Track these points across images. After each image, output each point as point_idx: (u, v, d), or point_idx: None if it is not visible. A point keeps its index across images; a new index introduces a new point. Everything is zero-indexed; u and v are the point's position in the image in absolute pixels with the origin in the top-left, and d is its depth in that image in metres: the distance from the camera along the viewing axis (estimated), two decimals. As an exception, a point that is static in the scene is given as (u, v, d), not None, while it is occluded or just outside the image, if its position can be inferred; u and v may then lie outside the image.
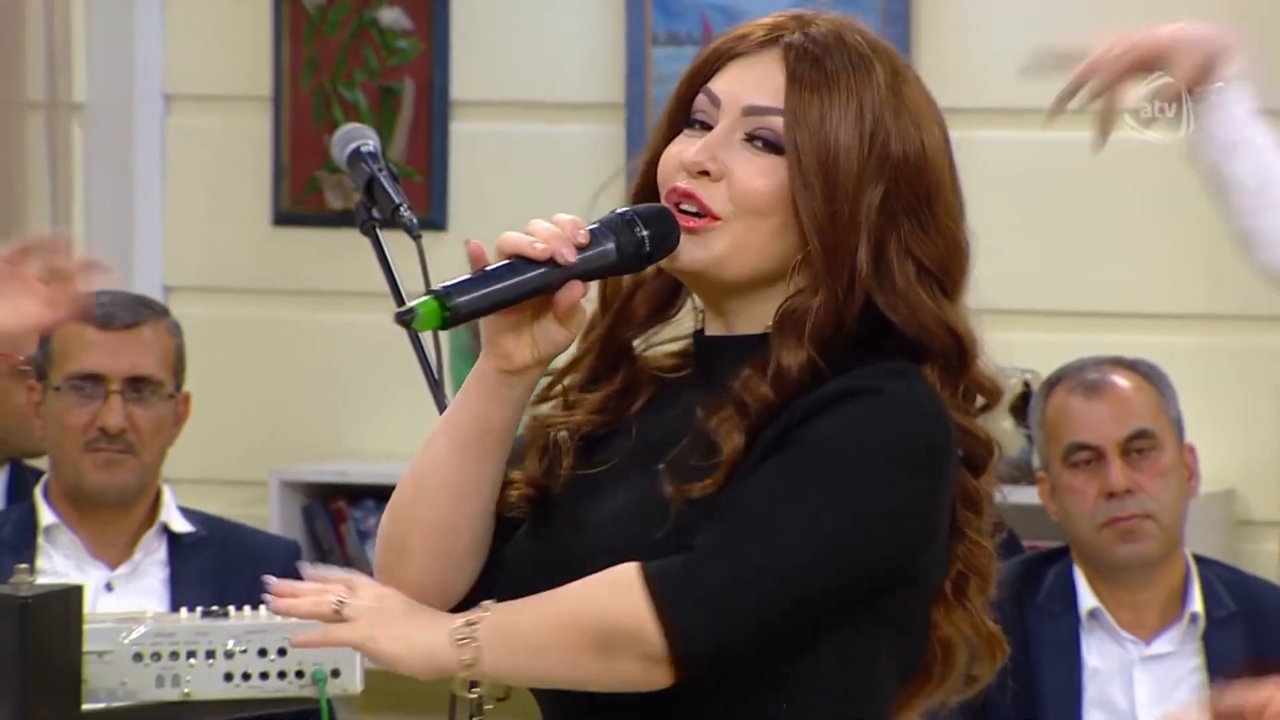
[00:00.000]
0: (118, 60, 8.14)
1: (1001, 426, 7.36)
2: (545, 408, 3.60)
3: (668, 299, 3.59)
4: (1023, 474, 6.43)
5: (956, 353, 3.57)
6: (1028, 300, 7.38)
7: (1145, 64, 4.68)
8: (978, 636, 3.63)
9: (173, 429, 5.86)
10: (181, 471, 6.10)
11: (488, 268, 3.30)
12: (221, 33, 8.10)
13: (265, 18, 8.05)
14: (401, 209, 4.40)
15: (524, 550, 3.58)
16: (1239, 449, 6.66)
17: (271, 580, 3.35)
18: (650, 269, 3.53)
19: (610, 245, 3.40)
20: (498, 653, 3.42)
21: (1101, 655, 5.71)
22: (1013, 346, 7.26)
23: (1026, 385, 7.10)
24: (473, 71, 7.45)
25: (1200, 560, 5.80)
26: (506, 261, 3.30)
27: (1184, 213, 7.22)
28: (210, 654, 4.87)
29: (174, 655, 4.90)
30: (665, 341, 3.64)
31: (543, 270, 3.32)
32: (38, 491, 5.93)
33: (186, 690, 4.92)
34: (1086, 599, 5.71)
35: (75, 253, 4.90)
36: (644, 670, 3.45)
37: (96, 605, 5.19)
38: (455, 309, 3.28)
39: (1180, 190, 7.33)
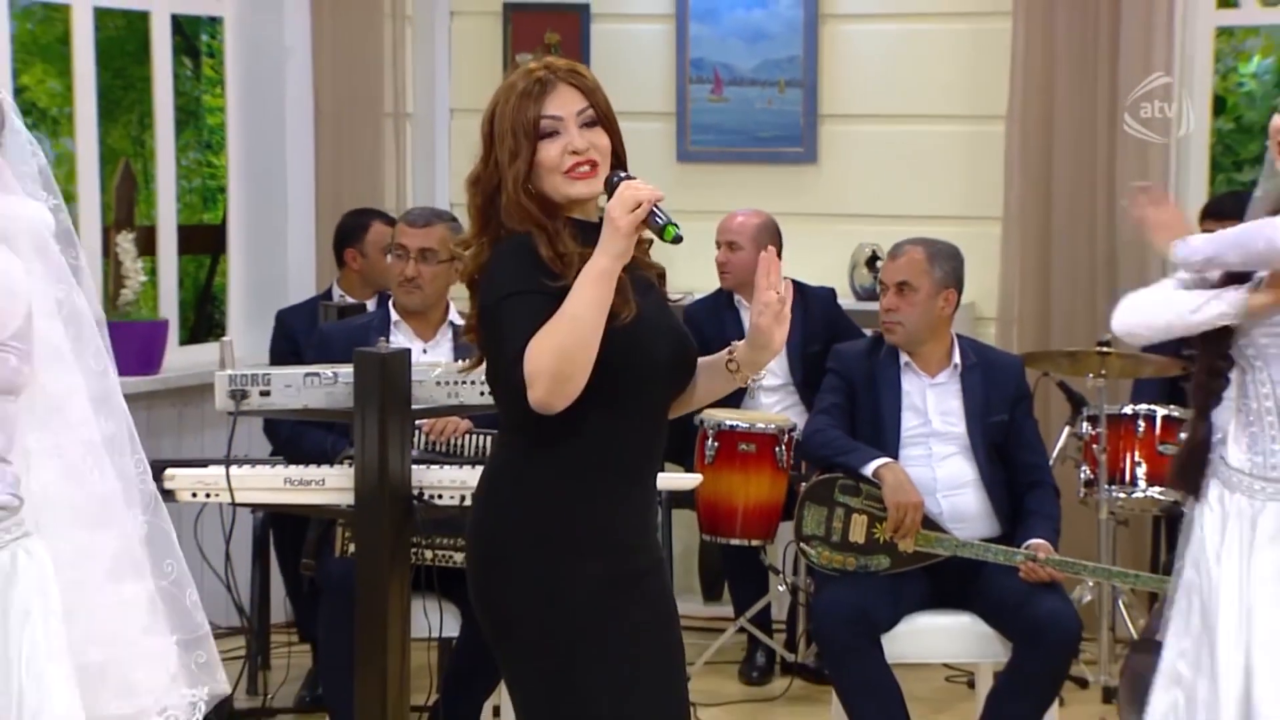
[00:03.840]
0: (426, 82, 7.97)
1: (862, 271, 7.47)
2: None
3: None
4: (873, 296, 6.54)
5: None
6: (887, 209, 7.41)
7: None
8: None
9: (450, 276, 5.63)
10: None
11: (655, 210, 3.34)
12: (474, 71, 7.90)
13: (499, 63, 7.85)
14: None
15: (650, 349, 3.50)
16: (976, 284, 6.60)
17: None
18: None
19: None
20: None
21: (910, 383, 5.63)
22: (877, 234, 7.38)
23: (874, 252, 7.14)
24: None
25: (959, 336, 5.73)
26: (656, 202, 3.34)
27: (962, 177, 7.24)
28: (471, 382, 4.80)
29: (451, 383, 4.91)
30: None
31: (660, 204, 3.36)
32: (391, 304, 5.88)
33: (461, 399, 4.87)
34: (903, 356, 5.62)
35: None
36: None
37: (417, 359, 5.12)
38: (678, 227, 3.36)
39: (969, 172, 7.39)
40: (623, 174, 3.43)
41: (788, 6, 7.60)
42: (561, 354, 3.31)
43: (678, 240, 3.32)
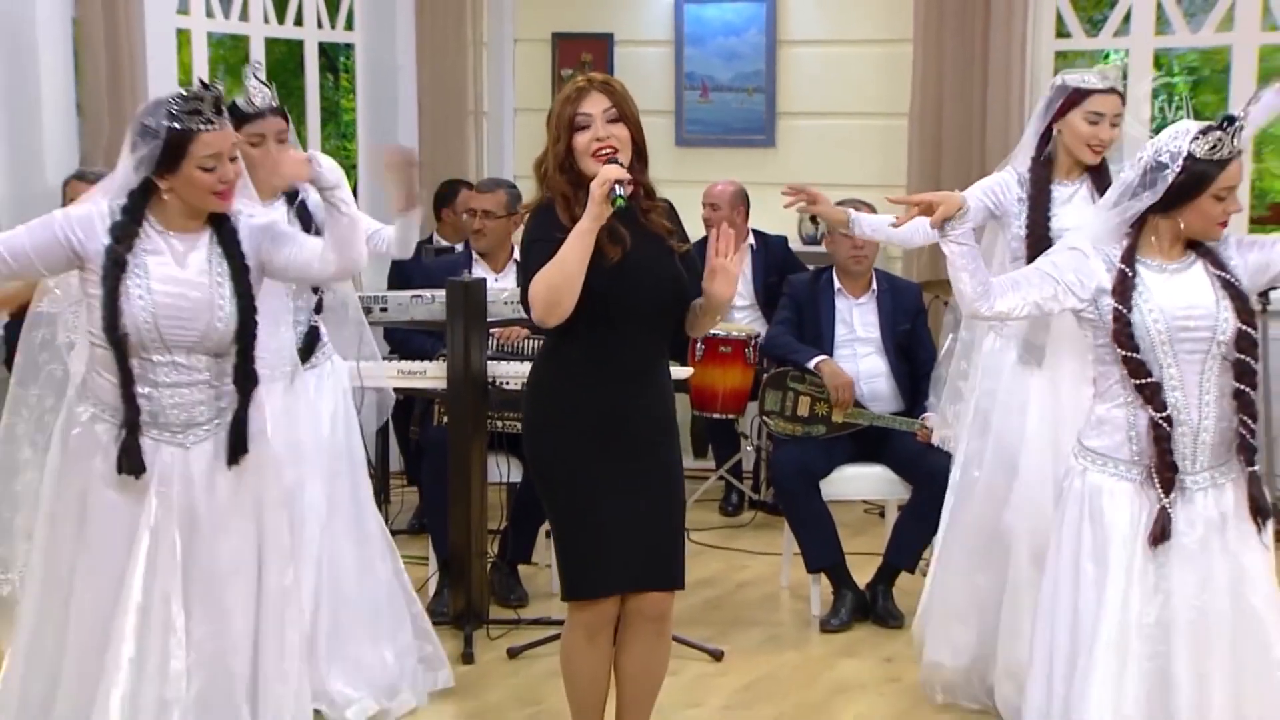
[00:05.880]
0: (496, 89, 7.81)
1: (807, 224, 7.33)
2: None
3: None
4: (814, 242, 6.43)
5: None
6: (824, 180, 7.25)
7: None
8: None
9: (508, 226, 5.55)
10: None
11: (615, 186, 3.25)
12: (531, 81, 7.79)
13: (548, 75, 7.75)
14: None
15: (617, 280, 3.37)
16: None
17: None
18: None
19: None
20: None
21: (841, 303, 5.53)
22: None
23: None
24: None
25: (876, 269, 5.60)
26: (619, 181, 3.25)
27: (877, 157, 7.12)
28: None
29: (514, 302, 4.77)
30: None
31: (622, 183, 3.28)
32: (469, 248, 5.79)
33: (521, 314, 4.71)
34: (836, 283, 5.53)
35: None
36: None
37: (491, 286, 5.05)
38: (625, 199, 3.27)
39: (882, 153, 7.25)
40: (618, 161, 3.37)
41: (754, 35, 7.48)
42: (550, 287, 3.28)
43: (618, 208, 3.27)
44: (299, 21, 7.33)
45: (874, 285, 5.57)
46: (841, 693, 4.68)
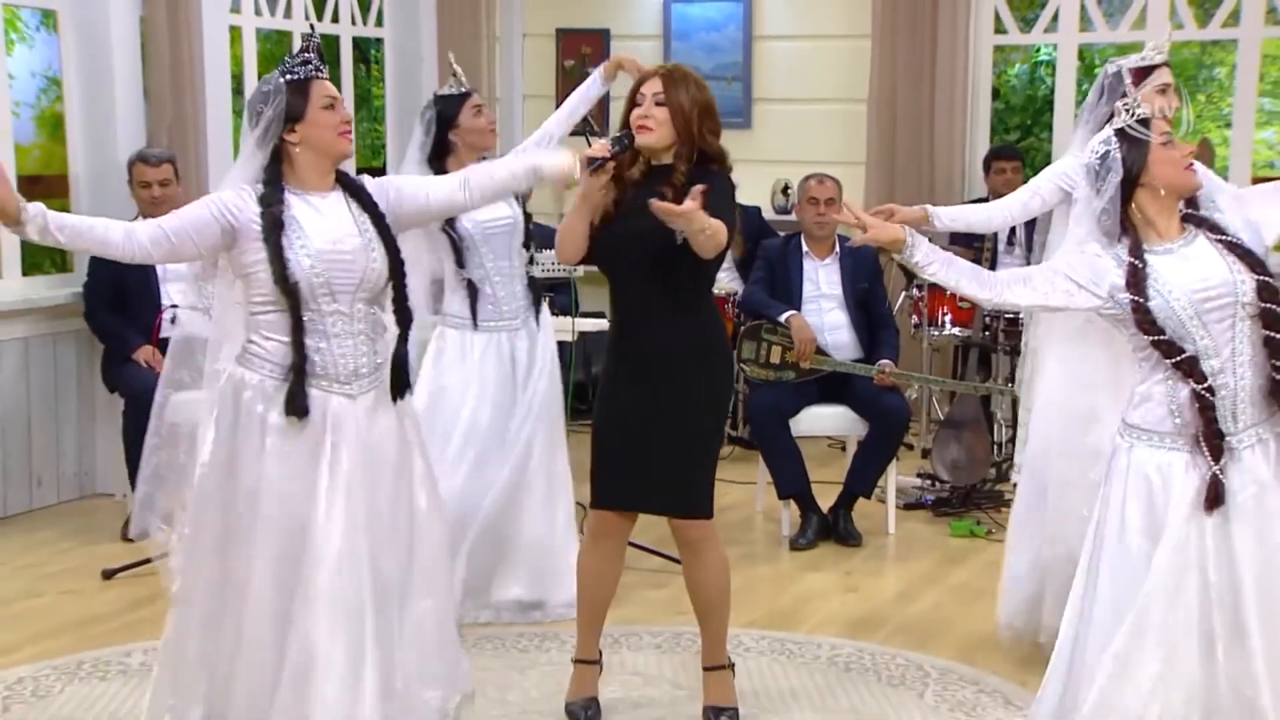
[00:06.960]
0: (507, 77, 7.75)
1: (779, 197, 7.29)
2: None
3: (634, 159, 3.36)
4: (785, 212, 6.40)
5: (721, 160, 3.34)
6: (793, 158, 7.22)
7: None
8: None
9: (530, 194, 5.46)
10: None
11: (591, 163, 3.28)
12: (537, 70, 7.69)
13: (553, 66, 7.70)
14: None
15: (613, 231, 3.38)
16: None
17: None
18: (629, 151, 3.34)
19: (616, 147, 3.29)
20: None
21: (809, 264, 5.46)
22: (787, 173, 7.21)
23: (786, 184, 6.99)
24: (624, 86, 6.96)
25: (838, 235, 5.50)
26: (593, 158, 3.25)
27: (840, 137, 7.06)
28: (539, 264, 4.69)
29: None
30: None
31: (600, 159, 3.26)
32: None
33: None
34: (804, 247, 5.47)
35: None
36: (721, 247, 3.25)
37: None
38: (575, 183, 3.31)
39: (844, 134, 7.19)
40: (621, 147, 3.36)
41: (733, 30, 7.44)
42: (559, 233, 3.42)
43: (569, 186, 3.35)
44: (335, 19, 7.28)
45: (837, 249, 5.52)
46: (807, 602, 4.70)
